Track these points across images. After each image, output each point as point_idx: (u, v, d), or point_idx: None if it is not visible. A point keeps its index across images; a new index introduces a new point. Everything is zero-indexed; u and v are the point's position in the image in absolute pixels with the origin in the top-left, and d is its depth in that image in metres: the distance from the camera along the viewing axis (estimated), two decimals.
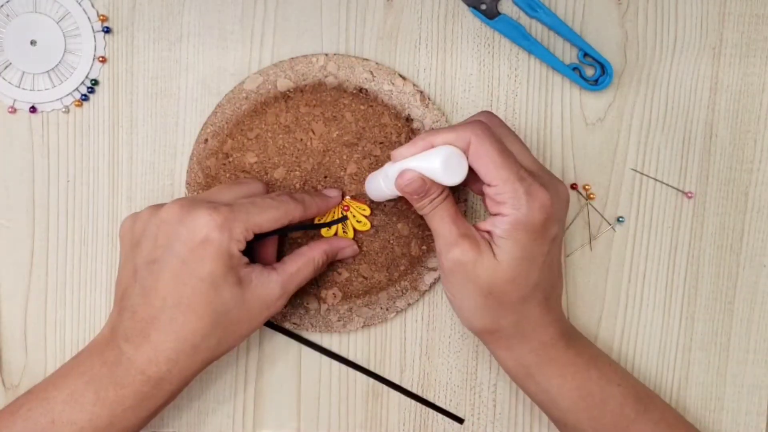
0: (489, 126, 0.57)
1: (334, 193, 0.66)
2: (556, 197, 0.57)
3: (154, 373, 0.57)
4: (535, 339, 0.60)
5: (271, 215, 0.59)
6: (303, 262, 0.63)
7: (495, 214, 0.57)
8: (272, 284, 0.60)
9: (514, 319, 0.59)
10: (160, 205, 0.59)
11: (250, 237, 0.58)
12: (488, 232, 0.58)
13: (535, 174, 0.57)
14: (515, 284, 0.57)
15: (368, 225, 0.66)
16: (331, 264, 0.67)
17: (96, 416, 0.58)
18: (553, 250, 0.59)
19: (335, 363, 0.69)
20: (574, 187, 0.68)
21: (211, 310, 0.57)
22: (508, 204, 0.56)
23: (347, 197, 0.66)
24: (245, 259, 0.59)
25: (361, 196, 0.66)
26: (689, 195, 0.68)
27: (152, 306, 0.57)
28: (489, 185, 0.56)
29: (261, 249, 0.64)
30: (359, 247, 0.67)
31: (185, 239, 0.56)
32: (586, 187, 0.68)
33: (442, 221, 0.58)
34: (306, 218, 0.63)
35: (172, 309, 0.57)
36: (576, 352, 0.61)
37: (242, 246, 0.58)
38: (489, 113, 0.61)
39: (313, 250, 0.64)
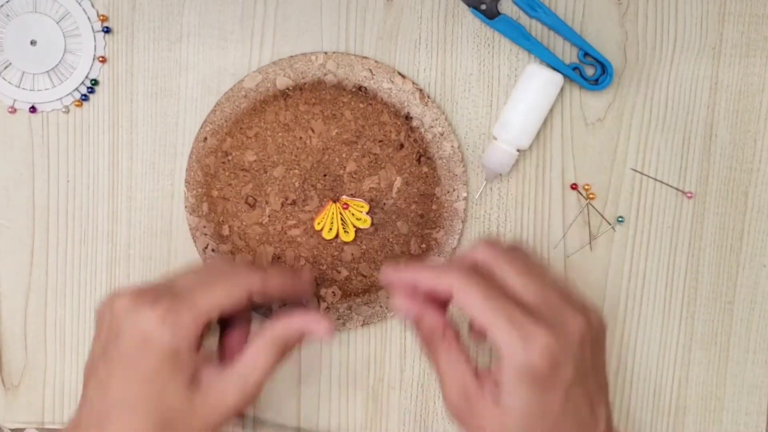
0: (475, 270, 0.53)
1: (306, 276, 0.60)
2: (562, 335, 0.51)
3: None
4: None
5: (222, 293, 0.53)
6: (259, 352, 0.55)
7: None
8: (226, 387, 0.53)
9: None
10: (123, 290, 0.54)
11: (203, 325, 0.53)
12: (495, 376, 0.52)
13: (537, 311, 0.51)
14: None
15: (368, 221, 0.66)
16: (331, 263, 0.66)
17: None
18: (573, 395, 0.51)
19: (335, 362, 0.69)
20: (574, 187, 0.68)
21: (157, 415, 0.52)
22: (504, 353, 0.50)
23: (344, 196, 0.66)
24: (202, 355, 0.54)
25: (359, 194, 0.66)
26: (689, 195, 0.68)
27: (104, 401, 0.53)
28: (486, 331, 0.51)
29: (230, 337, 0.59)
30: (359, 246, 0.67)
31: (130, 336, 0.52)
32: (586, 186, 0.68)
33: (438, 364, 0.54)
34: (268, 291, 0.57)
35: (120, 407, 0.52)
36: None
37: (192, 339, 0.52)
38: (486, 245, 0.55)
39: (265, 334, 0.55)
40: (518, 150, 0.65)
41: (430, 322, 0.54)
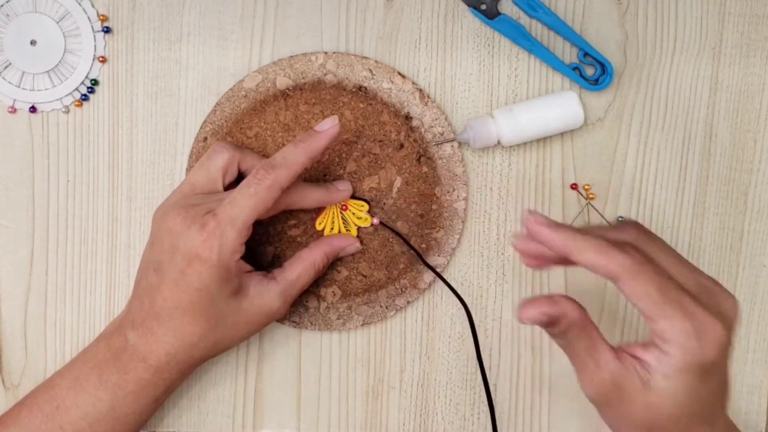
0: (641, 255, 0.50)
1: (326, 125, 0.61)
2: (726, 322, 0.50)
3: (154, 362, 0.59)
4: None
5: (255, 203, 0.58)
6: (303, 267, 0.63)
7: (656, 345, 0.50)
8: (271, 294, 0.61)
9: None
10: (174, 206, 0.60)
11: (247, 235, 0.59)
12: (643, 360, 0.50)
13: (700, 298, 0.50)
14: (680, 424, 0.51)
15: (369, 220, 0.66)
16: (331, 263, 0.67)
17: (99, 400, 0.60)
18: (725, 377, 0.52)
19: (335, 363, 0.69)
20: (574, 187, 0.68)
21: (208, 317, 0.59)
22: (675, 344, 0.49)
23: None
24: (245, 267, 0.61)
25: (359, 194, 0.66)
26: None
27: (155, 302, 0.59)
28: (649, 319, 0.50)
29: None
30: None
31: (183, 253, 0.58)
32: (586, 186, 0.68)
33: (578, 355, 0.52)
34: (296, 174, 0.60)
35: (172, 309, 0.59)
36: None
37: (237, 252, 0.58)
38: (637, 227, 0.54)
39: (313, 253, 0.64)
40: (499, 141, 0.65)
41: (572, 316, 0.51)
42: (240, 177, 0.63)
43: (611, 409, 0.52)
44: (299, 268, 0.63)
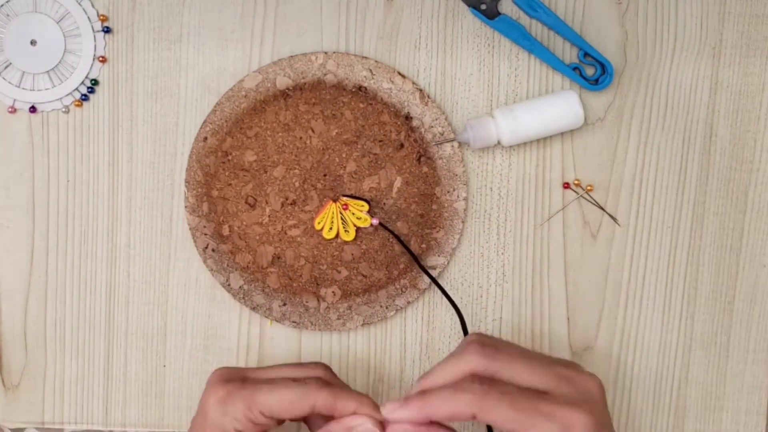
0: (483, 384, 0.52)
1: (368, 424, 0.55)
2: (591, 406, 0.52)
3: None
4: None
5: (282, 397, 0.55)
6: None
7: None
8: None
9: None
10: (224, 368, 0.60)
11: (258, 419, 0.55)
12: None
13: (559, 391, 0.52)
14: None
15: (368, 221, 0.66)
16: (331, 263, 0.66)
17: None
18: None
19: (335, 363, 0.69)
20: (566, 186, 0.67)
21: None
22: None
23: (344, 197, 0.66)
24: None
25: (359, 194, 0.66)
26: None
27: None
28: None
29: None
30: (359, 245, 0.67)
31: (201, 405, 0.57)
32: (576, 182, 0.67)
33: None
34: (334, 411, 0.56)
35: None
36: None
37: (241, 426, 0.55)
38: (476, 349, 0.54)
39: None
40: (499, 141, 0.65)
41: None
42: None
43: None
44: None
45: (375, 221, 0.66)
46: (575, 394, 0.52)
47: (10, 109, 0.67)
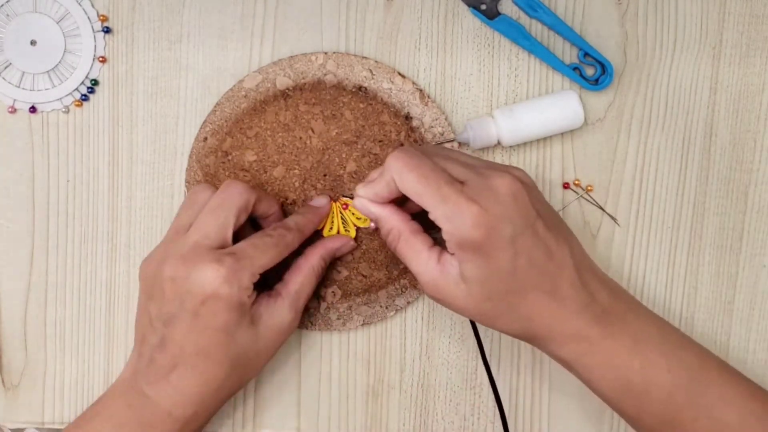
0: (405, 153, 0.57)
1: (321, 202, 0.66)
2: (491, 200, 0.54)
3: (180, 414, 0.58)
4: (559, 335, 0.57)
5: (273, 254, 0.60)
6: (303, 275, 0.63)
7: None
8: (282, 311, 0.61)
9: (522, 326, 0.57)
10: (164, 255, 0.59)
11: (258, 279, 0.59)
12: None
13: (465, 183, 0.55)
14: (493, 301, 0.56)
15: (368, 221, 0.66)
16: (331, 263, 0.66)
17: None
18: (523, 246, 0.55)
19: (335, 363, 0.69)
20: (566, 186, 0.67)
21: (230, 356, 0.58)
22: (444, 230, 0.55)
23: (342, 197, 0.66)
24: (253, 297, 0.60)
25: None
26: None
27: (171, 354, 0.58)
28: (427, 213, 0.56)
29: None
30: (358, 245, 0.67)
31: (195, 294, 0.57)
32: (576, 182, 0.67)
33: (407, 261, 0.59)
34: (304, 239, 0.63)
35: (192, 357, 0.58)
36: (614, 340, 0.57)
37: (251, 291, 0.58)
38: (403, 148, 0.59)
39: (309, 258, 0.64)
40: (499, 141, 0.65)
41: (389, 223, 0.59)
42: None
43: (444, 306, 0.58)
44: (300, 277, 0.63)
45: (373, 225, 0.65)
46: (480, 188, 0.55)
47: (10, 109, 0.67)
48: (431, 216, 0.55)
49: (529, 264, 0.55)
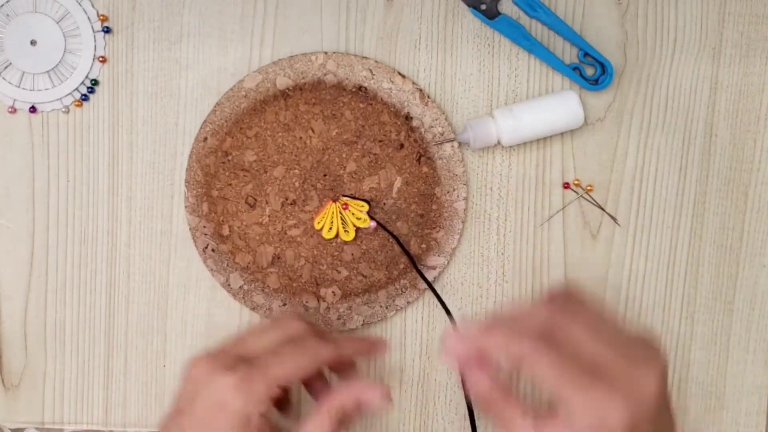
0: (547, 333, 0.51)
1: (377, 340, 0.63)
2: (638, 397, 0.50)
3: None
4: None
5: (295, 364, 0.56)
6: (319, 423, 0.56)
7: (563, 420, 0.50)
8: None
9: None
10: (201, 355, 0.57)
11: (276, 393, 0.55)
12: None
13: (603, 370, 0.50)
14: None
15: (368, 221, 0.66)
16: (331, 263, 0.66)
17: None
18: None
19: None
20: (566, 186, 0.67)
21: None
22: (578, 421, 0.49)
23: (343, 196, 0.66)
24: (270, 421, 0.56)
25: (359, 194, 0.66)
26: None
27: None
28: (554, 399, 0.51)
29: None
30: (359, 245, 0.67)
31: (205, 399, 0.54)
32: (576, 182, 0.67)
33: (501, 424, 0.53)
34: (339, 360, 0.59)
35: None
36: None
37: (265, 406, 0.54)
38: (546, 303, 0.55)
39: (331, 403, 0.57)
40: (499, 141, 0.65)
41: (484, 388, 0.54)
42: None
43: None
44: (319, 424, 0.56)
45: (373, 224, 0.65)
46: (625, 381, 0.50)
47: (10, 109, 0.67)
48: (566, 407, 0.50)
49: None
